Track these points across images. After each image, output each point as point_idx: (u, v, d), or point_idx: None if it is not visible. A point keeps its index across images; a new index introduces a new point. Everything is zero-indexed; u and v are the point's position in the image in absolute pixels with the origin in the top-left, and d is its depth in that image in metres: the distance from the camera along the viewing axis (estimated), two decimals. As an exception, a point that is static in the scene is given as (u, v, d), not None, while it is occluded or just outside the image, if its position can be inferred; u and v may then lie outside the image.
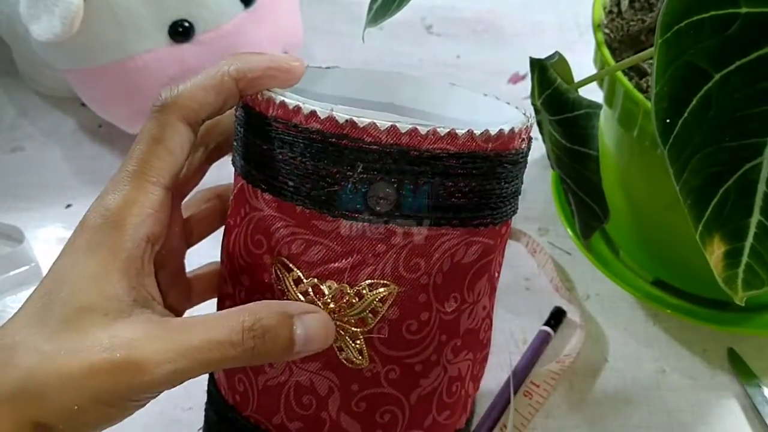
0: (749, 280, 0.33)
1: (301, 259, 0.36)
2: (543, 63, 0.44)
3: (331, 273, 0.36)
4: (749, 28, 0.30)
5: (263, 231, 0.37)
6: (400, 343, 0.38)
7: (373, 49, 0.78)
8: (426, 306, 0.37)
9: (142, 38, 0.59)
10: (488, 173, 0.36)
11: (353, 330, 0.37)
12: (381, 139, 0.34)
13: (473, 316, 0.40)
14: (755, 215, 0.32)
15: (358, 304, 0.36)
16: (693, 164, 0.31)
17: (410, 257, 0.36)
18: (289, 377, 0.38)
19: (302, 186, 0.35)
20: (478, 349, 0.42)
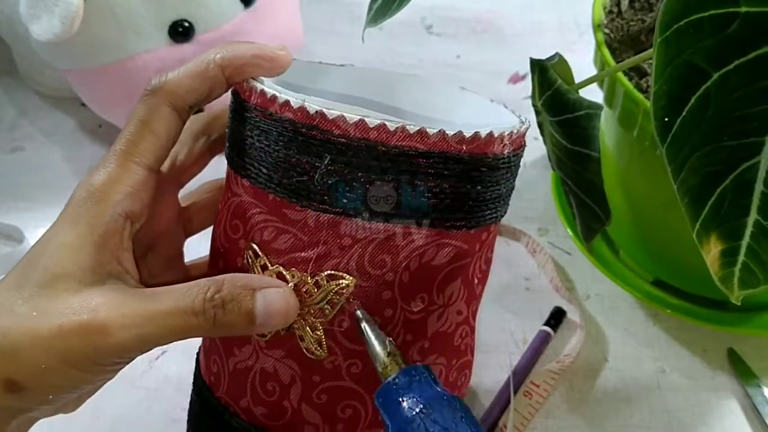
0: (745, 279, 0.33)
1: (270, 246, 0.37)
2: (543, 64, 0.44)
3: (296, 262, 0.36)
4: (748, 27, 0.30)
5: (240, 216, 0.38)
6: (359, 338, 0.37)
7: (373, 49, 0.78)
8: (390, 303, 0.37)
9: (142, 38, 0.59)
10: (461, 176, 0.35)
11: (312, 320, 0.37)
12: (349, 132, 0.34)
13: (444, 320, 0.39)
14: (752, 214, 0.32)
15: (316, 293, 0.36)
16: (691, 163, 0.31)
17: (376, 253, 0.36)
18: (255, 362, 0.39)
19: (274, 174, 0.36)
20: (452, 355, 0.41)
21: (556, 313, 0.58)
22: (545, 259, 0.61)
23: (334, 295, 0.36)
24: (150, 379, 0.56)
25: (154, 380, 0.56)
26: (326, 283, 0.36)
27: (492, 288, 0.60)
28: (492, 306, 0.59)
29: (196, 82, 0.36)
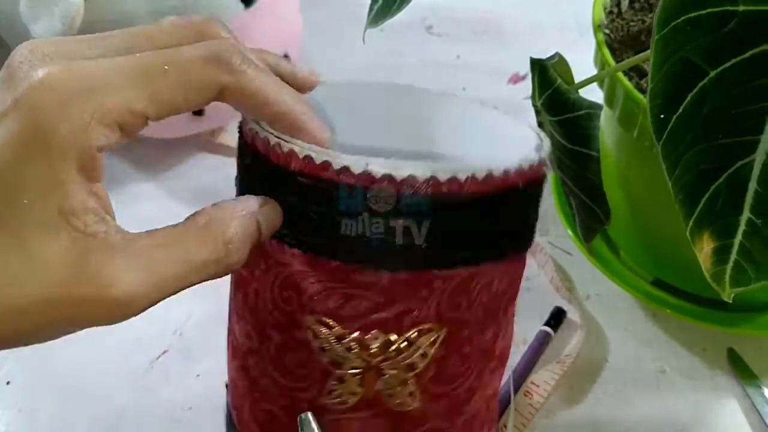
0: (737, 277, 0.33)
1: (339, 313, 0.35)
2: (543, 63, 0.44)
3: (375, 324, 0.35)
4: (746, 25, 0.30)
5: (293, 287, 0.36)
6: (446, 379, 0.37)
7: (373, 49, 0.78)
8: (468, 340, 0.37)
9: (142, 38, 0.60)
10: (519, 203, 0.36)
11: (403, 376, 0.36)
12: (420, 189, 0.33)
13: (506, 336, 0.40)
14: (745, 213, 0.32)
15: (409, 351, 0.36)
16: (685, 160, 0.32)
17: (452, 297, 0.35)
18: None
19: (339, 244, 0.34)
20: (506, 361, 0.42)
21: (556, 313, 0.58)
22: (545, 259, 0.61)
23: (428, 347, 0.36)
24: (150, 379, 0.56)
25: (154, 380, 0.56)
26: (418, 339, 0.36)
27: (492, 288, 0.61)
28: (492, 306, 0.59)
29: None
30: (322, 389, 0.37)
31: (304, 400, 0.38)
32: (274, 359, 0.38)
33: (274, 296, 0.37)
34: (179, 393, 0.55)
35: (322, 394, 0.37)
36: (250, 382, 0.40)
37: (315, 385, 0.37)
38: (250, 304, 0.38)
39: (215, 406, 0.54)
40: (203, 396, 0.55)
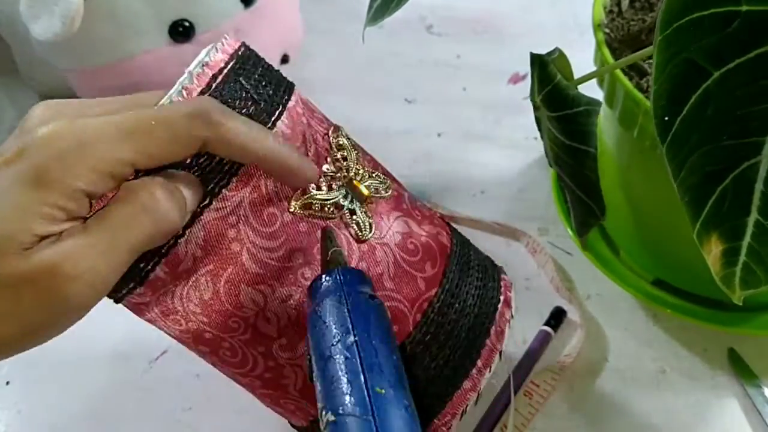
0: (747, 279, 0.33)
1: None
2: (543, 58, 0.44)
3: (317, 160, 0.40)
4: (749, 26, 0.30)
5: (265, 204, 0.38)
6: (373, 162, 0.45)
7: (373, 49, 0.78)
8: (347, 137, 0.45)
9: (142, 38, 0.59)
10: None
11: (366, 170, 0.43)
12: (222, 61, 0.38)
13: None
14: (753, 214, 0.32)
15: (347, 150, 0.42)
16: (691, 162, 0.31)
17: (312, 114, 0.42)
18: (392, 251, 0.41)
19: None
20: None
21: (557, 313, 0.58)
22: (545, 259, 0.61)
23: (347, 137, 0.43)
24: (150, 379, 0.56)
25: (154, 380, 0.56)
26: (341, 138, 0.42)
27: (492, 288, 0.60)
28: (492, 306, 0.59)
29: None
30: (354, 234, 0.40)
31: (359, 259, 0.40)
32: (311, 270, 0.39)
33: (260, 218, 0.38)
34: (179, 393, 0.55)
35: (357, 237, 0.40)
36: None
37: (348, 239, 0.40)
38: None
39: (215, 406, 0.54)
40: (203, 396, 0.55)
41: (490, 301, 0.44)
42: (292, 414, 0.43)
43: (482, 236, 0.64)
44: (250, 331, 0.39)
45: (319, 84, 0.76)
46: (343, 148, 0.42)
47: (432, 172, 0.69)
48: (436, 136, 0.72)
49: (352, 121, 0.73)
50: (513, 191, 0.67)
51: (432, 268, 0.42)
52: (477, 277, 0.44)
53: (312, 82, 0.76)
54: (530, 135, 0.71)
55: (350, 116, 0.73)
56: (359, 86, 0.76)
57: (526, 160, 0.69)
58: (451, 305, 0.42)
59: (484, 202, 0.66)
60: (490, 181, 0.68)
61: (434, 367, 0.40)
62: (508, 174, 0.68)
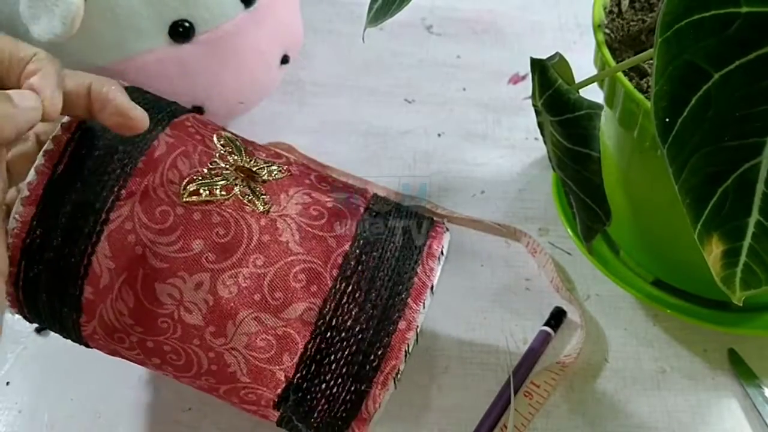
0: (747, 279, 0.33)
1: (184, 173, 0.42)
2: (544, 63, 0.44)
3: (205, 156, 0.44)
4: (749, 27, 0.30)
5: (155, 206, 0.42)
6: (269, 153, 0.48)
7: (374, 49, 0.78)
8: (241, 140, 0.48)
9: (142, 38, 0.59)
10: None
11: (254, 159, 0.45)
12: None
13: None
14: (754, 215, 0.32)
15: (233, 146, 0.45)
16: (692, 163, 0.31)
17: (205, 125, 0.47)
18: (293, 221, 0.43)
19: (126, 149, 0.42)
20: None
21: (557, 313, 0.58)
22: (545, 260, 0.61)
23: (232, 136, 0.47)
24: (150, 379, 0.56)
25: (154, 380, 0.56)
26: (225, 138, 0.46)
27: (492, 288, 0.61)
28: (492, 306, 0.59)
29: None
30: (251, 212, 0.43)
31: (260, 234, 0.42)
32: (215, 254, 0.42)
33: (153, 214, 0.42)
34: (179, 393, 0.55)
35: (256, 214, 0.43)
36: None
37: (245, 218, 0.43)
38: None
39: (215, 407, 0.54)
40: (203, 396, 0.55)
41: (414, 244, 0.45)
42: (258, 406, 0.44)
43: (482, 236, 0.64)
44: (179, 328, 0.41)
45: (319, 84, 0.76)
46: (230, 144, 0.45)
47: (432, 172, 0.69)
48: (436, 136, 0.72)
49: (352, 121, 0.73)
50: (513, 191, 0.67)
51: (342, 227, 0.44)
52: (399, 226, 0.46)
53: (312, 82, 0.76)
54: (530, 135, 0.71)
55: (350, 116, 0.73)
56: (359, 86, 0.76)
57: (526, 160, 0.69)
58: (369, 254, 0.43)
59: (484, 202, 0.66)
60: (490, 181, 0.68)
61: (364, 315, 0.42)
62: (508, 174, 0.68)
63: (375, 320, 0.42)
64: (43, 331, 0.57)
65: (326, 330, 0.42)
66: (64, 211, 0.40)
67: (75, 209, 0.40)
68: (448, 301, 0.59)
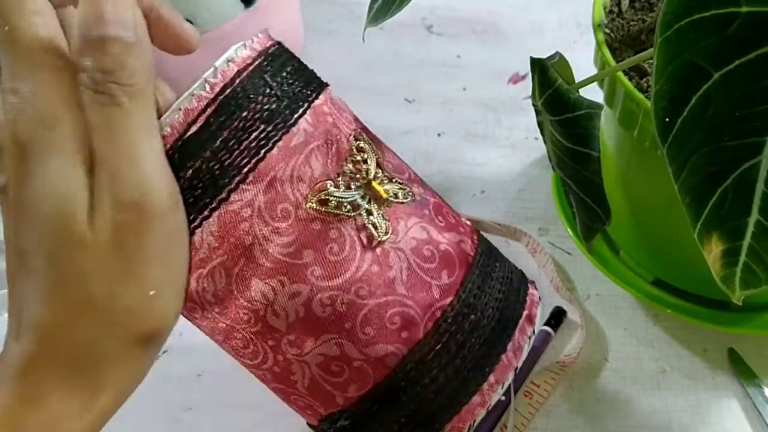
0: (747, 279, 0.33)
1: (315, 175, 0.39)
2: (544, 63, 0.44)
3: (338, 159, 0.40)
4: (749, 27, 0.30)
5: (277, 201, 0.38)
6: (398, 167, 0.44)
7: (373, 49, 0.78)
8: (377, 141, 0.44)
9: (142, 38, 0.59)
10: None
11: (384, 174, 0.42)
12: (250, 56, 0.39)
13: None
14: (753, 214, 0.32)
15: (367, 154, 0.41)
16: (692, 163, 0.31)
17: (341, 114, 0.42)
18: (402, 258, 0.41)
19: (266, 129, 0.38)
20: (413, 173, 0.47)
21: (557, 313, 0.58)
22: (545, 259, 0.61)
23: (368, 141, 0.42)
24: (150, 379, 0.56)
25: (154, 380, 0.56)
26: (362, 142, 0.42)
27: (492, 288, 0.61)
28: (492, 306, 0.59)
29: None
30: (368, 235, 0.40)
31: (371, 263, 0.40)
32: (324, 270, 0.39)
33: (273, 213, 0.38)
34: (179, 393, 0.55)
35: (372, 240, 0.40)
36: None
37: (362, 241, 0.40)
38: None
39: (215, 406, 0.54)
40: (203, 396, 0.55)
41: (511, 315, 0.43)
42: (303, 411, 0.43)
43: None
44: (259, 324, 0.39)
45: (319, 84, 0.76)
46: (364, 150, 0.41)
47: (432, 172, 0.69)
48: (436, 136, 0.72)
49: (352, 121, 0.73)
50: (513, 191, 0.67)
51: (449, 276, 0.41)
52: (499, 289, 0.43)
53: (312, 82, 0.76)
54: (530, 135, 0.71)
55: (350, 116, 0.73)
56: (359, 86, 0.76)
57: (526, 160, 0.69)
58: (467, 316, 0.41)
59: (484, 202, 0.66)
60: (490, 181, 0.68)
61: (443, 378, 0.40)
62: (508, 174, 0.68)
63: (452, 387, 0.40)
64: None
65: (401, 380, 0.40)
66: (184, 176, 0.37)
67: (195, 177, 0.36)
68: (448, 301, 0.59)
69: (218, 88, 0.37)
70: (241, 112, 0.37)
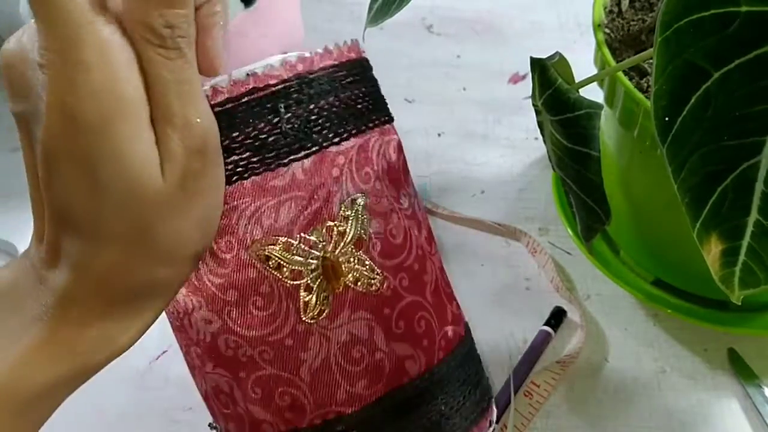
0: (746, 279, 0.33)
1: (276, 227, 0.36)
2: (544, 63, 0.44)
3: (310, 219, 0.36)
4: (749, 26, 0.30)
5: (227, 233, 0.36)
6: (392, 249, 0.39)
7: (373, 49, 0.78)
8: (391, 209, 0.39)
9: (142, 38, 0.59)
10: (364, 76, 0.40)
11: (357, 254, 0.37)
12: (282, 76, 0.36)
13: (420, 207, 0.43)
14: (753, 214, 0.32)
15: (347, 226, 0.37)
16: (691, 163, 0.31)
17: (358, 170, 0.38)
18: (328, 346, 0.38)
19: (250, 158, 0.35)
20: (431, 232, 0.44)
21: (557, 313, 0.58)
22: (545, 259, 0.61)
23: (360, 215, 0.38)
24: (150, 379, 0.56)
25: (154, 380, 0.56)
26: (352, 211, 0.37)
27: (492, 288, 0.61)
28: (492, 306, 0.59)
29: None
30: (297, 308, 0.37)
31: (285, 336, 0.37)
32: (240, 316, 0.37)
33: (213, 251, 0.37)
34: (179, 393, 0.55)
35: (300, 312, 0.37)
36: (230, 370, 0.39)
37: (289, 310, 0.37)
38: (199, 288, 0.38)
39: (215, 407, 0.54)
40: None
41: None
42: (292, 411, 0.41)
43: (482, 236, 0.64)
44: (176, 324, 0.40)
45: (319, 84, 0.76)
46: (347, 220, 0.37)
47: (432, 172, 0.69)
48: (436, 136, 0.72)
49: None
50: (513, 191, 0.67)
51: (365, 388, 0.38)
52: (425, 426, 0.40)
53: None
54: (530, 135, 0.71)
55: (350, 116, 0.73)
56: (359, 86, 0.76)
57: (526, 160, 0.69)
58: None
59: (484, 202, 0.66)
60: (490, 181, 0.68)
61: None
62: (508, 174, 0.68)
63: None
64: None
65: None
66: None
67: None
68: (448, 301, 0.59)
69: (221, 98, 0.35)
70: (230, 131, 0.35)
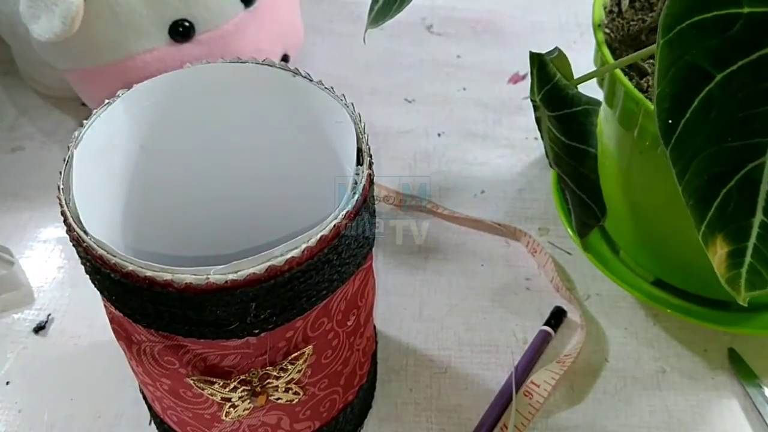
0: (752, 280, 0.33)
1: (217, 370, 0.38)
2: (543, 58, 0.44)
3: (252, 365, 0.38)
4: (751, 28, 0.30)
5: (172, 354, 0.38)
6: (322, 368, 0.42)
7: (374, 49, 0.78)
8: (335, 336, 0.40)
9: (142, 38, 0.59)
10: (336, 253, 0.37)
11: (286, 386, 0.40)
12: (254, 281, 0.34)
13: (369, 294, 0.44)
14: (758, 215, 0.32)
15: (286, 372, 0.39)
16: (695, 165, 0.31)
17: (314, 323, 0.38)
18: (240, 427, 0.43)
19: (203, 328, 0.35)
20: (371, 305, 0.45)
21: (557, 312, 0.58)
22: (545, 259, 0.61)
23: (301, 364, 0.39)
24: (150, 379, 0.56)
25: (154, 380, 0.56)
26: (291, 366, 0.39)
27: (492, 288, 0.61)
28: (492, 306, 0.59)
29: None
30: (219, 413, 0.41)
31: (204, 412, 0.42)
32: (172, 393, 0.41)
33: (159, 361, 0.39)
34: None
35: (221, 412, 0.41)
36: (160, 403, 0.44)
37: (212, 411, 0.41)
38: (143, 361, 0.40)
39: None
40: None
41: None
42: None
43: (482, 236, 0.64)
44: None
45: (319, 84, 0.76)
46: (286, 370, 0.39)
47: (432, 172, 0.69)
48: (436, 136, 0.72)
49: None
50: (513, 191, 0.67)
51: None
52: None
53: (312, 81, 0.76)
54: (530, 135, 0.71)
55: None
56: (359, 86, 0.76)
57: (526, 160, 0.69)
58: None
59: (484, 202, 0.66)
60: (490, 181, 0.68)
61: None
62: (508, 174, 0.69)
63: None
64: (42, 331, 0.57)
65: None
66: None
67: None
68: (448, 300, 0.59)
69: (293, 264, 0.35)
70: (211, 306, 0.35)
